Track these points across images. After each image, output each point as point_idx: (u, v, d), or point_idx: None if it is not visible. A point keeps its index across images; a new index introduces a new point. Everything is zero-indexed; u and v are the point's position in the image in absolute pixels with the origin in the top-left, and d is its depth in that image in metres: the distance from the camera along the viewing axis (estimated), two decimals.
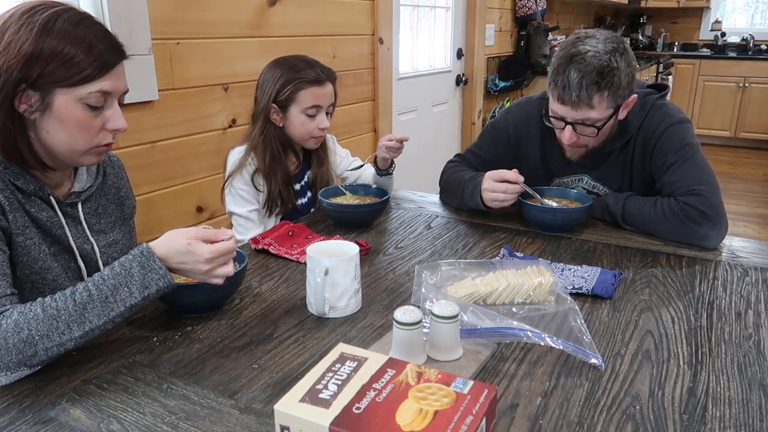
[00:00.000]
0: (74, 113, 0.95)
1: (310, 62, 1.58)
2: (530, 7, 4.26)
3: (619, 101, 1.39)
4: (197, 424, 0.77)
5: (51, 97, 0.93)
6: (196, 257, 0.92)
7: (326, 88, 1.57)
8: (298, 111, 1.56)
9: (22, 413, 0.80)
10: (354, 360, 0.70)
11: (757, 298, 1.13)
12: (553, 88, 1.40)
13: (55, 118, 0.94)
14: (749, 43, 6.34)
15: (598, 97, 1.35)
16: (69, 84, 0.92)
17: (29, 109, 0.93)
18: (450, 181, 1.66)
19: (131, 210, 1.22)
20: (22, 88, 0.91)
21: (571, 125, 1.41)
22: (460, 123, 4.03)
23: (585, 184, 1.62)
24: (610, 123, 1.42)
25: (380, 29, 2.79)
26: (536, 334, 0.92)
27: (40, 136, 0.96)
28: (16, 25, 0.91)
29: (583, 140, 1.45)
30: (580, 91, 1.33)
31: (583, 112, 1.37)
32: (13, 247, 0.96)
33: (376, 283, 1.19)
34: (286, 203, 1.61)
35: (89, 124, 0.97)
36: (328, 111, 1.61)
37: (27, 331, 0.84)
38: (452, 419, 0.60)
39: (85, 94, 0.94)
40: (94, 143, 0.99)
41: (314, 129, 1.58)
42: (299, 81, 1.54)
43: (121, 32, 1.02)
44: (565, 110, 1.39)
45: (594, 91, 1.33)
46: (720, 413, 0.80)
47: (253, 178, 1.58)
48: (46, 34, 0.90)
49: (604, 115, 1.38)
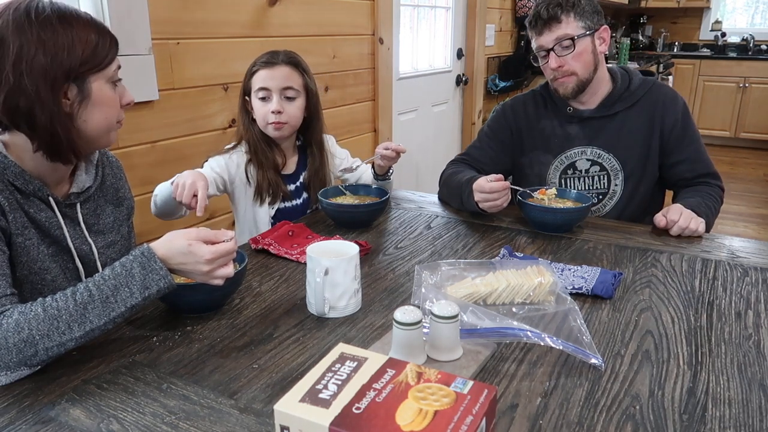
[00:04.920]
0: (108, 94, 1.01)
1: (275, 51, 1.57)
2: (530, 7, 4.26)
3: (588, 23, 1.58)
4: (197, 424, 0.77)
5: (87, 87, 0.97)
6: (196, 258, 0.93)
7: (275, 70, 1.53)
8: (255, 97, 1.56)
9: (22, 413, 0.80)
10: (354, 360, 0.70)
11: (757, 298, 1.13)
12: (530, 31, 1.62)
13: (93, 104, 0.99)
14: (749, 44, 6.34)
15: (564, 15, 1.56)
16: (101, 68, 0.98)
17: (69, 103, 0.97)
18: (448, 183, 1.68)
19: (129, 210, 1.22)
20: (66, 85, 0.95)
21: (552, 51, 1.58)
22: (460, 123, 4.03)
23: (589, 155, 1.67)
24: (587, 45, 1.58)
25: (380, 29, 2.79)
26: (536, 334, 0.92)
27: (78, 127, 0.99)
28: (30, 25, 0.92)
29: (567, 65, 1.58)
30: (548, 13, 1.56)
31: (556, 30, 1.57)
32: (13, 247, 0.96)
33: (376, 283, 1.19)
34: (276, 193, 1.60)
35: (115, 99, 1.03)
36: (288, 96, 1.55)
37: (27, 330, 0.84)
38: (452, 419, 0.60)
39: (111, 73, 1.01)
40: (119, 118, 1.06)
41: (267, 113, 1.54)
42: (253, 66, 1.56)
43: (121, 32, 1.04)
44: (543, 38, 1.59)
45: (559, 11, 1.56)
46: (720, 413, 0.80)
47: (247, 168, 1.58)
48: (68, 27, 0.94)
49: (577, 32, 1.57)
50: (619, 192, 1.66)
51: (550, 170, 1.70)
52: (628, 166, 1.64)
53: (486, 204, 1.47)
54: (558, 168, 1.69)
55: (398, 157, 1.60)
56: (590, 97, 1.65)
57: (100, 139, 1.04)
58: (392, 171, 1.68)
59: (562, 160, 1.68)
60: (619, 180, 1.65)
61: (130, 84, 1.05)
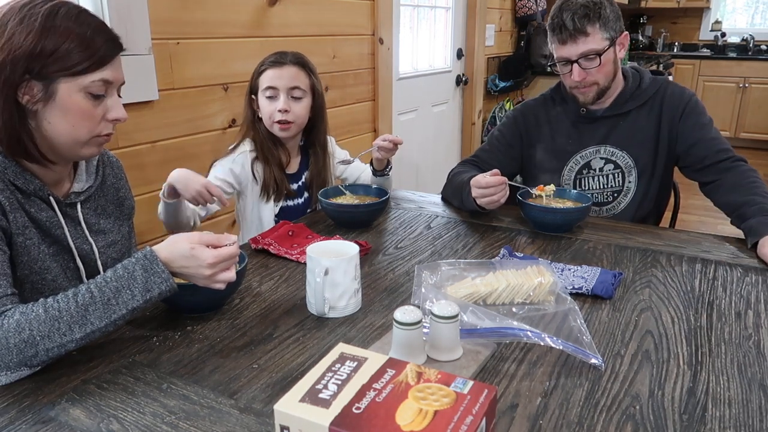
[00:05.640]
0: (77, 102, 0.96)
1: (282, 51, 1.59)
2: (530, 7, 4.26)
3: (611, 33, 1.55)
4: (197, 424, 0.77)
5: (54, 87, 0.93)
6: (199, 261, 0.93)
7: (282, 70, 1.55)
8: (262, 96, 1.58)
9: (22, 413, 0.80)
10: (354, 360, 0.70)
11: (757, 298, 1.13)
12: (552, 37, 1.58)
13: (58, 107, 0.95)
14: (749, 44, 6.34)
15: (590, 27, 1.52)
16: (72, 73, 0.94)
17: (31, 100, 0.94)
18: (451, 182, 1.70)
19: (130, 210, 1.22)
20: (26, 79, 0.92)
21: (576, 63, 1.55)
22: (460, 123, 4.03)
23: (603, 154, 1.67)
24: (610, 56, 1.56)
25: (380, 29, 2.79)
26: (536, 334, 0.92)
27: (41, 127, 0.96)
28: (16, 18, 0.91)
29: (591, 77, 1.57)
30: (574, 25, 1.52)
31: (582, 44, 1.53)
32: (13, 247, 0.96)
33: (376, 283, 1.19)
34: (281, 189, 1.61)
35: (91, 113, 0.98)
36: (295, 95, 1.57)
37: (28, 331, 0.84)
38: (452, 419, 0.60)
39: (87, 83, 0.95)
40: (95, 133, 1.00)
41: (273, 112, 1.56)
42: (261, 65, 1.58)
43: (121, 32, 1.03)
44: (567, 49, 1.55)
45: (586, 22, 1.52)
46: (720, 413, 0.80)
47: (253, 165, 1.59)
48: (48, 28, 0.91)
49: (602, 45, 1.54)
50: (633, 189, 1.67)
51: (564, 171, 1.71)
52: (641, 163, 1.65)
53: (483, 200, 1.46)
54: (573, 169, 1.70)
55: (396, 148, 1.60)
56: (605, 98, 1.65)
57: (73, 146, 0.99)
58: (391, 167, 1.68)
59: (577, 160, 1.69)
60: (633, 177, 1.66)
61: (130, 84, 1.04)
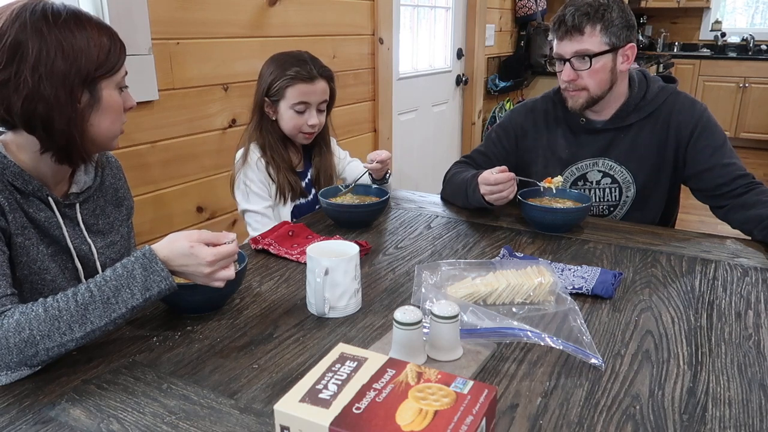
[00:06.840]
0: (116, 99, 1.02)
1: (304, 59, 1.58)
2: (530, 7, 4.26)
3: (613, 39, 1.48)
4: (197, 424, 0.77)
5: (99, 92, 0.98)
6: (198, 260, 0.93)
7: (315, 86, 1.57)
8: (286, 107, 1.58)
9: (22, 413, 0.80)
10: (354, 360, 0.70)
11: (757, 298, 1.13)
12: (551, 31, 1.54)
13: (103, 109, 0.99)
14: (749, 44, 6.34)
15: (589, 28, 1.47)
16: (112, 73, 0.99)
17: (80, 108, 0.97)
18: (451, 182, 1.68)
19: (129, 211, 1.22)
20: (80, 89, 0.95)
21: (569, 62, 1.50)
22: (460, 123, 4.03)
23: (601, 167, 1.62)
24: (606, 63, 1.49)
25: (380, 29, 2.79)
26: (536, 334, 0.92)
27: (86, 131, 0.99)
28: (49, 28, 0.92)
29: (581, 80, 1.51)
30: (572, 21, 1.47)
31: (577, 42, 1.48)
32: (12, 247, 0.96)
33: (376, 283, 1.19)
34: (296, 190, 1.63)
35: (121, 106, 1.04)
36: (321, 108, 1.61)
37: (28, 330, 0.84)
38: (452, 419, 0.60)
39: (120, 79, 1.01)
40: (123, 124, 1.06)
41: (303, 125, 1.58)
42: (288, 77, 1.56)
43: (121, 32, 1.03)
44: (563, 46, 1.51)
45: (585, 21, 1.46)
46: (720, 413, 0.80)
47: (268, 170, 1.60)
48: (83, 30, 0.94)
49: (598, 48, 1.48)
50: (629, 203, 1.62)
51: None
52: (640, 179, 1.59)
53: (493, 196, 1.45)
54: (568, 179, 1.65)
55: (386, 164, 1.62)
56: (604, 108, 1.59)
57: (106, 143, 1.04)
58: (389, 174, 1.69)
59: (573, 171, 1.64)
60: (631, 192, 1.61)
61: (130, 84, 1.05)
